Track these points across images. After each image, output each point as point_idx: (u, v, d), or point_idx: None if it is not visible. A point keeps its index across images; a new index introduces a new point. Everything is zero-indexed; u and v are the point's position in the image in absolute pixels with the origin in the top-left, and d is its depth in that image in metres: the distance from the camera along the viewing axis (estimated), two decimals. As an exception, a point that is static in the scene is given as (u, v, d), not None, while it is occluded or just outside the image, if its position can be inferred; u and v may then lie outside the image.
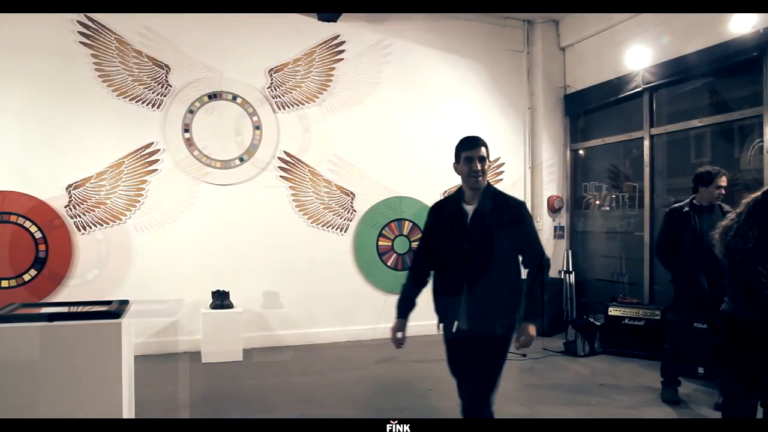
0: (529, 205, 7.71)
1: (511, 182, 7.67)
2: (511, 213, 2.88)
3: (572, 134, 7.86)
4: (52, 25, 5.84)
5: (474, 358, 2.89)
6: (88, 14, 5.91)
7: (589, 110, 7.54)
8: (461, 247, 2.87)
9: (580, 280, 7.56)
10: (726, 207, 4.44)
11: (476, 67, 7.53)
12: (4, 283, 5.69)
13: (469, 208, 2.93)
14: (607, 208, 7.33)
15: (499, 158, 7.62)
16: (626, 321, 6.02)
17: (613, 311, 6.13)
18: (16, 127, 5.74)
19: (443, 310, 3.01)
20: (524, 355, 5.98)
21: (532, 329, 2.81)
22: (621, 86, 6.76)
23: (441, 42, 7.34)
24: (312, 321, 6.69)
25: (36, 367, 2.86)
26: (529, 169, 7.83)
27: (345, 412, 4.36)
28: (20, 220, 5.72)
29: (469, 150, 2.90)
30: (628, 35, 6.68)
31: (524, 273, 2.98)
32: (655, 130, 6.53)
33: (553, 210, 7.69)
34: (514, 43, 7.76)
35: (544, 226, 7.68)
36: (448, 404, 4.52)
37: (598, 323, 6.19)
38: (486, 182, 2.95)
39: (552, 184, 7.76)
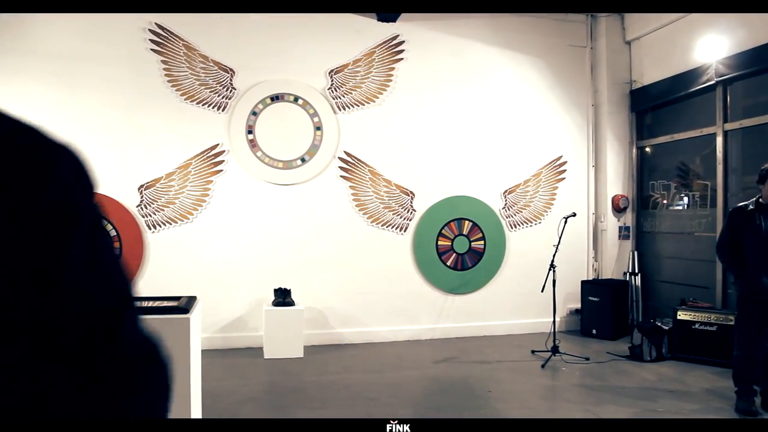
0: (592, 205, 7.54)
1: (574, 181, 7.50)
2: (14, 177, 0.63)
3: (638, 131, 7.59)
4: (125, 34, 6.13)
5: None
6: (158, 22, 6.18)
7: (656, 106, 7.25)
8: None
9: (647, 282, 7.30)
10: None
11: (537, 63, 7.39)
12: (82, 279, 6.02)
13: None
14: (677, 208, 7.05)
15: (561, 156, 7.45)
16: (697, 326, 5.77)
17: (682, 315, 5.88)
18: (94, 132, 6.05)
19: None
20: (587, 358, 5.84)
21: None
22: (691, 80, 6.47)
23: (501, 38, 7.24)
24: (371, 319, 6.75)
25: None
26: (593, 168, 7.62)
27: (404, 411, 4.38)
28: (97, 219, 6.04)
29: None
30: (699, 26, 6.38)
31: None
32: (729, 126, 6.21)
33: (618, 210, 7.45)
34: (577, 38, 7.57)
35: (609, 226, 7.46)
36: (509, 406, 4.48)
37: (666, 327, 5.96)
38: None
39: (617, 182, 7.52)
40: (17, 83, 5.86)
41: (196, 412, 3.39)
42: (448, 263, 7.02)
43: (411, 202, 6.91)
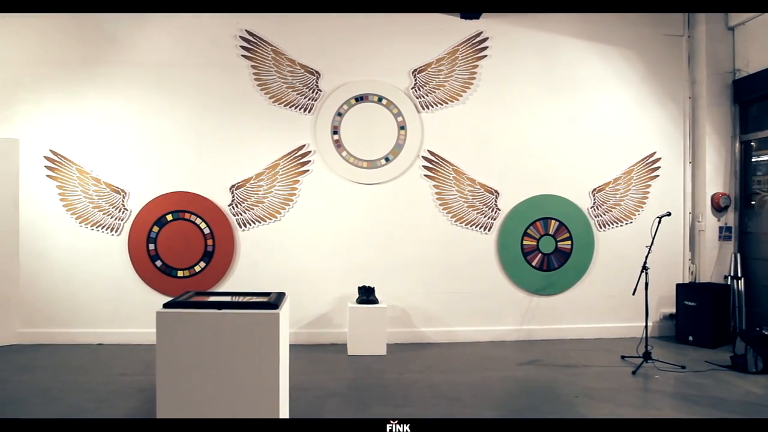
0: (689, 204, 7.15)
1: (669, 179, 7.11)
2: None
3: (742, 124, 7.07)
4: (218, 41, 6.45)
5: None
6: (248, 29, 6.44)
7: (764, 95, 6.73)
8: None
9: (751, 287, 6.80)
10: None
11: (629, 55, 7.06)
12: (180, 273, 6.40)
13: None
14: (786, 207, 6.51)
15: (654, 153, 7.08)
16: (809, 335, 5.32)
17: (792, 323, 5.44)
18: (189, 135, 6.43)
19: None
20: (683, 367, 5.52)
21: None
22: (804, 68, 5.96)
23: (590, 31, 6.98)
24: (454, 319, 6.72)
25: (205, 350, 3.19)
26: (690, 164, 7.18)
27: (487, 412, 4.33)
28: (192, 218, 6.40)
29: None
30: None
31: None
32: None
33: (719, 209, 6.98)
34: (673, 27, 7.15)
35: (707, 226, 7.00)
36: (596, 412, 4.32)
37: (774, 336, 5.54)
38: None
39: (717, 180, 7.05)
40: (122, 91, 6.35)
41: (283, 404, 3.52)
42: (534, 263, 6.86)
43: (495, 201, 6.81)
